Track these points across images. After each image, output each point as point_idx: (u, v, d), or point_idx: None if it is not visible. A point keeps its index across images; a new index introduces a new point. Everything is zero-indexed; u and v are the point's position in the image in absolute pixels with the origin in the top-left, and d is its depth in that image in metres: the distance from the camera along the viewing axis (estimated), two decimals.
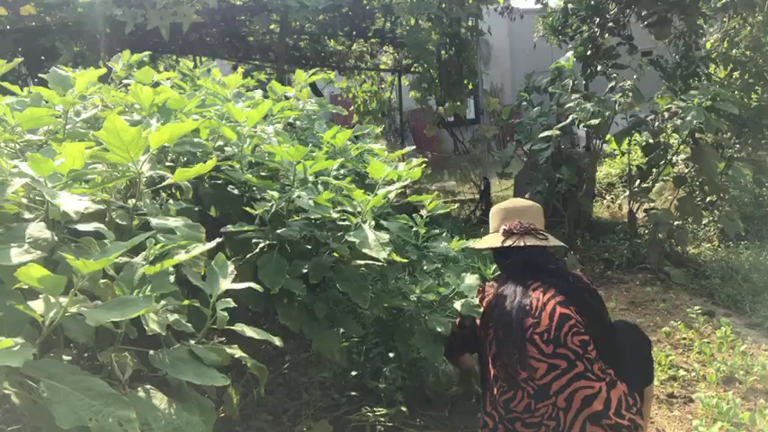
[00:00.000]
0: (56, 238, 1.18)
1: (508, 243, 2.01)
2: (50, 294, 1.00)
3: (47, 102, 1.69)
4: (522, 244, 1.99)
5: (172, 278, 1.24)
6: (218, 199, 1.89)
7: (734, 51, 5.94)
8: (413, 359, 2.58)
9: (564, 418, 1.69)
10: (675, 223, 4.74)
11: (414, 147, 4.06)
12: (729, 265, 4.78)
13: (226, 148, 1.96)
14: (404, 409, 2.33)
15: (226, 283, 1.33)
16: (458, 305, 2.15)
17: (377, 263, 1.88)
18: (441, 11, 5.87)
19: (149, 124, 1.65)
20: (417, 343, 2.06)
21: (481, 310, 2.00)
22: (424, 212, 2.28)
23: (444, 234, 2.58)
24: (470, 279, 2.22)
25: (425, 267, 2.31)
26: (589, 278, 2.04)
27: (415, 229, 2.27)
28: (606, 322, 1.93)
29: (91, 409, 0.92)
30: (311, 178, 1.98)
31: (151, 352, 1.19)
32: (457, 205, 6.93)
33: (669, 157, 4.91)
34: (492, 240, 2.08)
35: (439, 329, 2.06)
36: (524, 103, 5.94)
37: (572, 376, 1.72)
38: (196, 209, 1.71)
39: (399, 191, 2.02)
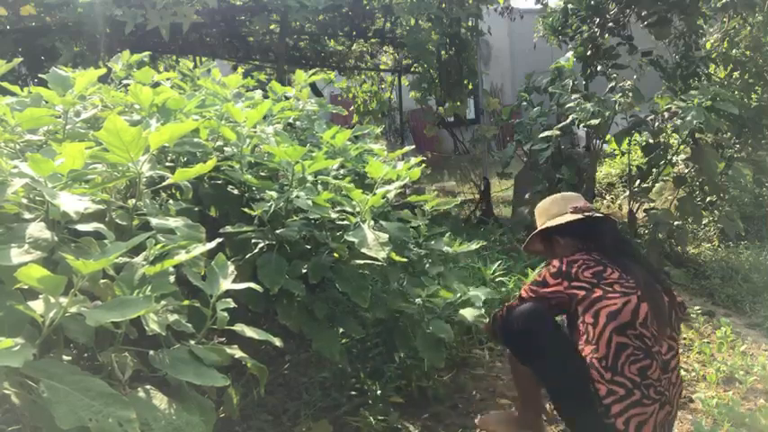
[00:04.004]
0: (56, 238, 1.19)
1: (591, 214, 2.12)
2: (50, 294, 1.01)
3: (47, 102, 1.69)
4: (601, 215, 2.15)
5: (172, 278, 1.24)
6: (217, 199, 1.89)
7: (734, 51, 5.94)
8: (413, 361, 2.58)
9: (673, 390, 1.91)
10: (675, 223, 4.73)
11: (414, 147, 4.07)
12: (729, 265, 4.78)
13: (225, 149, 1.96)
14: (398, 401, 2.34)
15: (226, 284, 1.33)
16: (467, 313, 2.16)
17: (376, 263, 1.88)
18: (441, 11, 5.86)
19: (149, 124, 1.65)
20: (419, 347, 2.07)
21: (574, 280, 1.93)
22: (426, 207, 2.28)
23: (446, 234, 2.58)
24: (481, 291, 2.24)
25: (428, 269, 2.30)
26: None
27: (417, 225, 2.28)
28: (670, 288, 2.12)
29: (91, 409, 0.93)
30: (310, 178, 1.99)
31: (151, 352, 1.19)
32: (459, 201, 6.92)
33: (669, 157, 4.91)
34: (573, 216, 2.11)
35: (442, 335, 2.06)
36: (524, 103, 5.94)
37: (678, 358, 1.96)
38: (196, 209, 1.72)
39: (399, 191, 2.02)
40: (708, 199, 5.07)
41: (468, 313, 2.20)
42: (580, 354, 1.89)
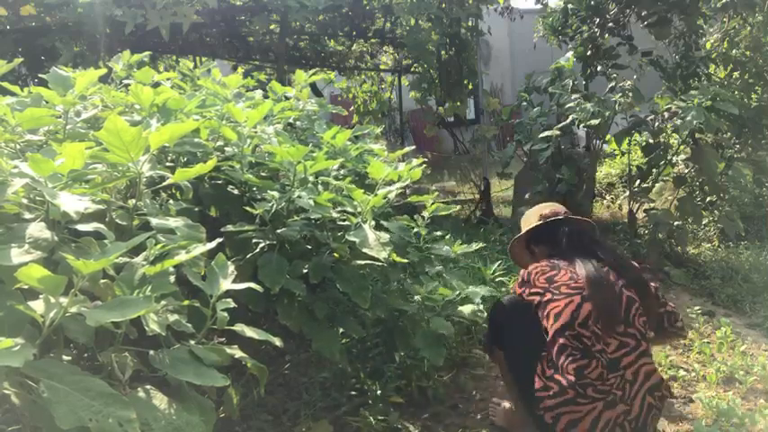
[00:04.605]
0: (56, 238, 1.19)
1: (552, 218, 2.24)
2: (50, 294, 1.01)
3: (47, 102, 1.69)
4: (556, 216, 2.23)
5: (172, 278, 1.24)
6: (218, 199, 1.89)
7: (734, 51, 5.94)
8: (413, 361, 2.58)
9: (630, 388, 1.88)
10: (675, 223, 4.73)
11: (414, 147, 4.06)
12: (729, 265, 4.77)
13: (226, 149, 1.96)
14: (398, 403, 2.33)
15: (226, 284, 1.33)
16: (465, 309, 2.18)
17: (377, 263, 1.88)
18: (441, 11, 5.86)
19: (149, 124, 1.65)
20: (419, 344, 2.08)
21: (533, 286, 2.05)
22: (425, 214, 2.29)
23: (446, 237, 2.59)
24: (481, 289, 2.26)
25: (428, 270, 2.32)
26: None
27: (416, 230, 2.28)
28: (652, 291, 2.07)
29: (91, 409, 0.92)
30: (311, 178, 1.99)
31: (151, 352, 1.19)
32: (459, 207, 6.92)
33: (669, 157, 4.90)
34: (534, 224, 2.28)
35: (442, 332, 2.08)
36: (524, 104, 5.94)
37: (638, 354, 1.91)
38: (196, 209, 1.71)
39: (400, 191, 2.03)
40: (708, 199, 5.06)
41: (466, 309, 2.22)
42: (539, 351, 1.99)
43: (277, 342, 1.43)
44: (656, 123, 4.85)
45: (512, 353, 2.11)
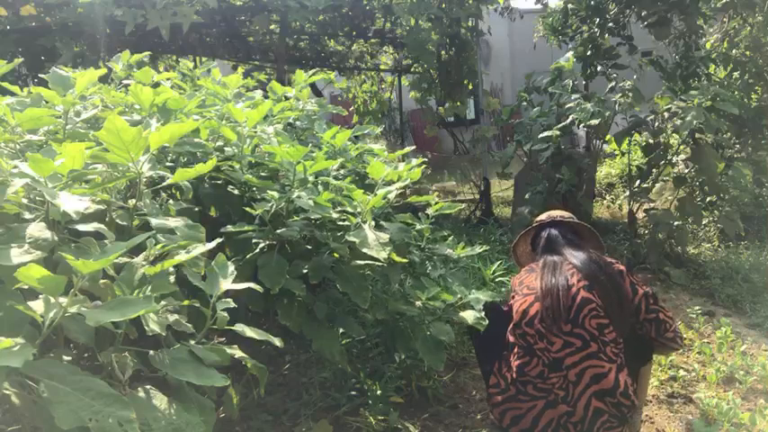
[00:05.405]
0: (56, 238, 1.19)
1: (536, 222, 2.33)
2: (50, 294, 1.01)
3: (47, 102, 1.69)
4: (546, 220, 2.30)
5: (172, 278, 1.24)
6: (218, 199, 1.89)
7: (734, 51, 5.93)
8: (413, 361, 2.58)
9: (573, 390, 1.85)
10: (675, 223, 4.73)
11: (414, 147, 4.06)
12: (729, 265, 4.77)
13: (226, 149, 1.96)
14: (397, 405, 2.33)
15: (226, 284, 1.33)
16: (466, 315, 2.18)
17: (377, 263, 1.88)
18: (441, 11, 5.86)
19: (149, 124, 1.65)
20: (420, 349, 2.08)
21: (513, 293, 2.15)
22: (430, 211, 2.29)
23: (450, 238, 2.59)
24: (483, 294, 2.28)
25: (429, 272, 2.33)
26: (616, 260, 2.15)
27: (419, 227, 2.28)
28: (627, 301, 1.98)
29: (91, 409, 0.92)
30: (311, 178, 1.99)
31: (151, 352, 1.19)
32: (463, 205, 6.92)
33: (669, 157, 4.90)
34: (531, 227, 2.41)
35: (442, 338, 2.08)
36: (524, 104, 5.94)
37: (584, 355, 1.86)
38: (196, 209, 1.71)
39: (400, 191, 2.03)
40: (708, 199, 5.06)
41: (468, 315, 2.21)
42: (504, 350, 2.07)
43: (277, 342, 1.43)
44: (656, 123, 4.85)
45: (484, 352, 2.20)
